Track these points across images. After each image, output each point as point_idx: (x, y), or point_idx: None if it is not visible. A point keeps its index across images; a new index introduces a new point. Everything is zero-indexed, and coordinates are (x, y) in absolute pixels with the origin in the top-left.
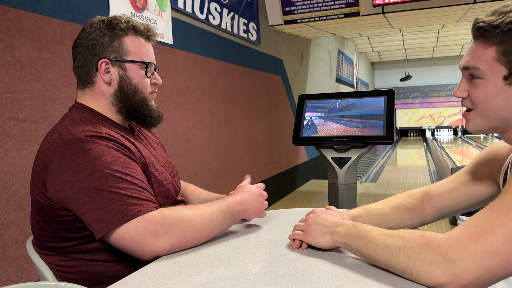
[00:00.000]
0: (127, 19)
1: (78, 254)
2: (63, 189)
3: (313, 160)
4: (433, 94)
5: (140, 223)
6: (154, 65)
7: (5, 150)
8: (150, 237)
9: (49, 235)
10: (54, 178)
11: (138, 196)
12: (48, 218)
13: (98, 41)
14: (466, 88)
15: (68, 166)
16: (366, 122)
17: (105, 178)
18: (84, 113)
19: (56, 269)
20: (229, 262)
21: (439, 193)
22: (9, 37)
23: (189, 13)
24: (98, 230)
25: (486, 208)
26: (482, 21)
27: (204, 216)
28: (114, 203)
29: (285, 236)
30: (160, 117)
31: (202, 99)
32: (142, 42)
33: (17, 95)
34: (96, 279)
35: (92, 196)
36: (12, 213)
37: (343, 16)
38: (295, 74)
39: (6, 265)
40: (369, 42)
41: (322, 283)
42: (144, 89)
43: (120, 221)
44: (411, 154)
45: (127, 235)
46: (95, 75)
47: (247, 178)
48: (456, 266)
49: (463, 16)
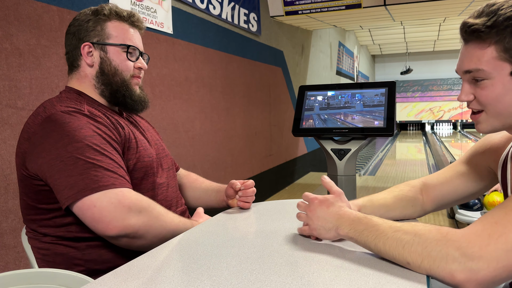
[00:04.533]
0: (111, 6)
1: (54, 228)
2: (41, 156)
3: (312, 153)
4: (433, 88)
5: (116, 195)
6: (139, 51)
7: (3, 138)
8: (122, 211)
9: (30, 207)
10: (34, 146)
11: (114, 171)
12: (27, 189)
13: (83, 26)
14: (470, 91)
15: (48, 136)
16: (367, 114)
17: (82, 148)
18: (71, 94)
19: (37, 252)
20: (228, 251)
21: (435, 183)
22: (7, 24)
23: (189, 2)
24: (69, 196)
25: (505, 204)
26: (475, 23)
27: (173, 221)
28: (89, 172)
29: (283, 226)
30: (143, 103)
31: (201, 89)
32: (125, 27)
33: (16, 82)
34: (71, 261)
35: (68, 163)
36: (10, 201)
37: (344, 7)
38: (295, 66)
39: (4, 253)
40: (370, 34)
41: (321, 273)
42: (125, 71)
43: (93, 190)
44: (410, 148)
45: (99, 203)
46: (80, 58)
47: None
48: (475, 263)
49: (465, 9)
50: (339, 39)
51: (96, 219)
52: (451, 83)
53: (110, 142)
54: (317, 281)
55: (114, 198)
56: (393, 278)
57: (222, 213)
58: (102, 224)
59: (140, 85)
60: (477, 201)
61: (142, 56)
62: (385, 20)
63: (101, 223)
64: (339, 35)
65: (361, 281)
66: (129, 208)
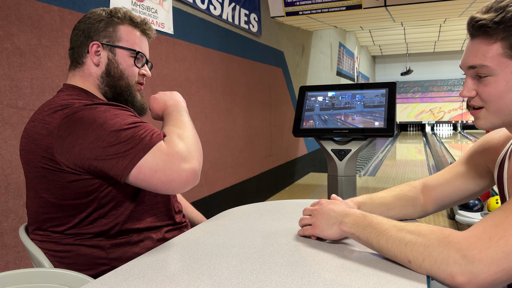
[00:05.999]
0: (126, 11)
1: (76, 228)
2: (77, 144)
3: (312, 153)
4: (433, 89)
5: (162, 152)
6: (146, 59)
7: (4, 137)
8: (179, 162)
9: (50, 205)
10: (63, 138)
11: (151, 129)
12: (51, 185)
13: (94, 25)
14: (473, 87)
15: (78, 124)
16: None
17: (118, 123)
18: (79, 91)
19: (53, 255)
20: (228, 251)
21: (435, 184)
22: (8, 24)
23: (190, 2)
24: (125, 167)
25: (505, 207)
26: (483, 18)
27: (190, 125)
28: (133, 139)
29: (283, 226)
30: (143, 109)
31: (202, 90)
32: (137, 34)
33: (16, 82)
34: (95, 261)
35: (111, 140)
36: (10, 201)
37: (345, 8)
38: (295, 67)
39: (4, 252)
40: (370, 35)
41: (321, 273)
42: (130, 76)
43: (144, 150)
44: (410, 149)
45: (156, 166)
46: (86, 56)
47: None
48: (475, 265)
49: (465, 10)
50: (340, 40)
51: (165, 181)
52: (451, 84)
53: (135, 115)
54: (317, 281)
55: (164, 155)
56: (393, 278)
57: (221, 213)
58: (175, 183)
59: (141, 92)
60: (477, 202)
61: (147, 63)
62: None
63: (174, 182)
64: (339, 36)
65: (361, 281)
66: (178, 154)
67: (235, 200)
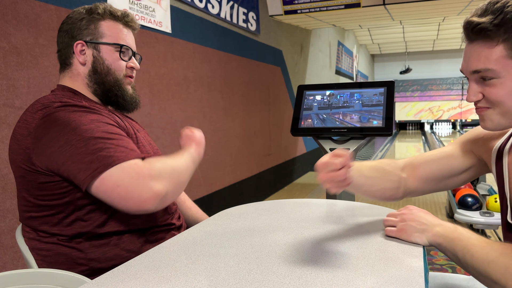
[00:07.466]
0: (105, 6)
1: (56, 227)
2: (49, 146)
3: (311, 153)
4: (432, 88)
5: (131, 168)
6: (132, 51)
7: (1, 137)
8: (145, 182)
9: (30, 204)
10: (39, 139)
11: (125, 146)
12: (29, 185)
13: (76, 24)
14: (478, 90)
15: (52, 126)
16: (365, 114)
17: (91, 130)
18: (66, 92)
19: (38, 253)
20: (225, 251)
21: (420, 161)
22: (5, 23)
23: (188, 1)
24: (86, 177)
25: None
26: (482, 22)
27: (184, 162)
28: (102, 150)
29: (281, 226)
30: (135, 103)
31: (200, 89)
32: (119, 27)
33: (13, 81)
34: (74, 261)
35: (79, 146)
36: (8, 201)
37: (343, 6)
38: (294, 65)
39: (1, 253)
40: (369, 34)
41: (318, 273)
42: (118, 71)
43: (109, 165)
44: (409, 148)
45: (121, 181)
46: (72, 56)
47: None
48: None
49: (464, 9)
50: (338, 39)
51: (124, 197)
52: (450, 83)
53: (115, 125)
54: (315, 281)
55: (133, 172)
56: (390, 278)
57: (220, 213)
58: (133, 201)
59: (132, 85)
60: (476, 201)
61: (134, 56)
62: (384, 20)
63: (132, 200)
64: (338, 35)
65: (358, 281)
66: (149, 175)
67: (234, 200)
